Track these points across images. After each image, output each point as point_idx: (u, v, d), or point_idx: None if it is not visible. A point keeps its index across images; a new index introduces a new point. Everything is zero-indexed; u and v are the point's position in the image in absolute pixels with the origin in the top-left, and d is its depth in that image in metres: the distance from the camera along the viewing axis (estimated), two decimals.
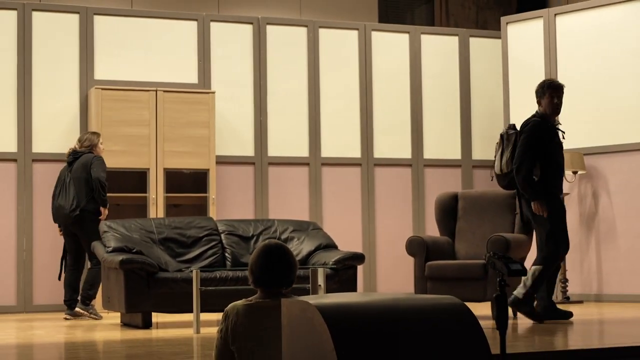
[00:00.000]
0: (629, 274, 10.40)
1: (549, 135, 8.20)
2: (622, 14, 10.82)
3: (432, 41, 12.21)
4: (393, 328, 3.69)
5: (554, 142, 8.22)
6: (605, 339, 6.91)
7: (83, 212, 9.33)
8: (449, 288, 8.30)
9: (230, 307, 4.70)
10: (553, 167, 8.18)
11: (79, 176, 9.41)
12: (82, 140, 9.64)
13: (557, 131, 8.22)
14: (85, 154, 9.50)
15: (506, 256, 4.49)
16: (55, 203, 9.55)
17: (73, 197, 9.41)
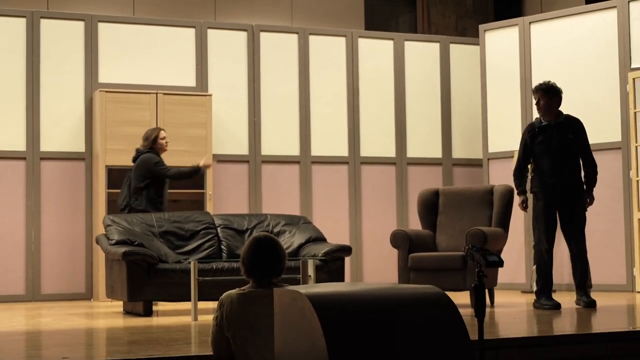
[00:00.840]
0: (599, 266, 10.40)
1: (532, 136, 8.29)
2: (591, 22, 10.82)
3: (414, 47, 12.20)
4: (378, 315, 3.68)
5: (538, 143, 8.27)
6: (576, 326, 6.91)
7: (131, 210, 9.30)
8: (431, 278, 8.29)
9: (224, 296, 4.69)
10: (536, 167, 8.27)
11: (131, 176, 9.43)
12: (143, 137, 9.61)
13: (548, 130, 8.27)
14: (142, 155, 9.44)
15: (484, 248, 4.49)
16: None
17: (125, 195, 9.44)
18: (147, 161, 9.33)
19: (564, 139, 8.22)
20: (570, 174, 8.24)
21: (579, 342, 5.73)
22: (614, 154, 10.46)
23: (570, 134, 8.25)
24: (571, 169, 8.24)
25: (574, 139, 8.24)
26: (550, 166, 8.23)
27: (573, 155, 8.25)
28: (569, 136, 8.23)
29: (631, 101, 10.24)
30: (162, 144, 9.54)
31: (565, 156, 8.23)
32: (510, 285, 10.94)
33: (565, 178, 8.23)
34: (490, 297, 8.63)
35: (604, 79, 10.64)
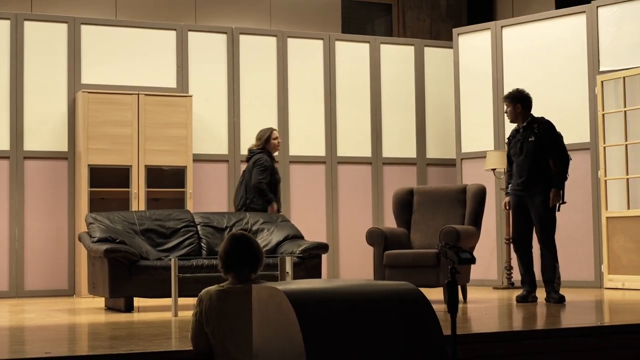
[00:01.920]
0: (568, 262, 10.45)
1: (509, 139, 8.66)
2: (562, 27, 10.87)
3: (390, 50, 12.21)
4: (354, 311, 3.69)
5: (510, 147, 8.58)
6: (546, 321, 6.94)
7: (247, 209, 9.34)
8: (405, 275, 8.30)
9: (204, 292, 4.70)
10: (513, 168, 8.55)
11: (246, 177, 9.46)
12: (256, 137, 9.60)
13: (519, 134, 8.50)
14: (255, 154, 9.44)
15: (457, 246, 4.50)
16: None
17: (241, 195, 9.47)
18: (258, 160, 9.34)
19: (526, 142, 8.40)
20: (535, 176, 8.35)
21: (549, 337, 5.75)
22: (583, 155, 10.52)
23: (532, 136, 8.38)
24: (536, 170, 8.35)
25: (534, 141, 8.36)
26: (516, 169, 8.47)
27: (537, 157, 8.36)
28: (530, 139, 8.38)
29: (599, 103, 10.29)
30: (275, 144, 9.55)
31: (527, 159, 8.37)
32: (482, 282, 10.97)
33: (528, 180, 8.36)
34: (463, 293, 8.66)
35: (573, 82, 10.69)
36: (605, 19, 10.48)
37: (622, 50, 10.32)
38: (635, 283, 9.78)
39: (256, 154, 9.46)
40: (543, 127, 8.41)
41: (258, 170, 9.33)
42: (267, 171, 9.34)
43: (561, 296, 8.18)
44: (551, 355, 5.66)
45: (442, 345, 3.73)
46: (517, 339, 5.65)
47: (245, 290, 4.49)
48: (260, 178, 9.30)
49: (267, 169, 9.35)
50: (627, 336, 5.89)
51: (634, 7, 10.32)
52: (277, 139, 9.56)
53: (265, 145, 9.48)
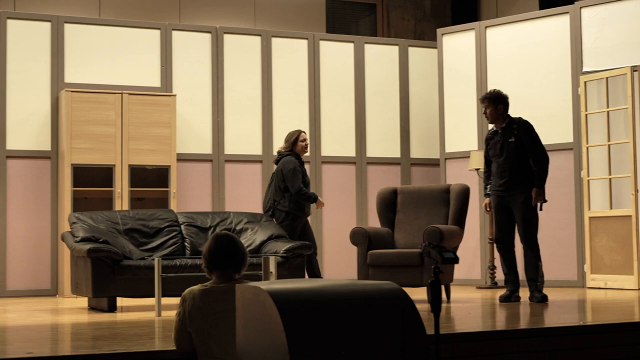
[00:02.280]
0: (550, 262, 10.48)
1: (486, 142, 8.68)
2: (545, 27, 10.90)
3: (374, 50, 12.22)
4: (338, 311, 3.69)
5: (489, 148, 8.60)
6: (529, 321, 6.96)
7: (275, 211, 9.28)
8: (389, 274, 8.32)
9: (187, 291, 4.69)
10: (492, 169, 8.55)
11: (275, 180, 9.38)
12: (285, 139, 9.55)
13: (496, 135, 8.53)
14: (284, 157, 9.35)
15: (440, 245, 4.50)
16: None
17: (269, 198, 9.41)
18: (286, 164, 9.28)
19: (506, 142, 8.43)
20: (516, 176, 8.40)
21: (532, 337, 5.77)
22: (566, 155, 10.55)
23: (512, 137, 8.42)
24: (517, 171, 8.40)
25: (515, 142, 8.41)
26: (496, 170, 8.50)
27: (518, 157, 8.41)
28: (510, 140, 8.41)
29: (582, 103, 10.33)
30: (302, 146, 9.45)
31: (507, 160, 8.42)
32: (466, 281, 11.00)
33: (510, 180, 8.41)
34: (447, 292, 8.68)
35: (556, 82, 10.72)
36: (589, 20, 10.51)
37: (605, 51, 10.36)
38: (617, 282, 9.82)
39: (284, 156, 9.40)
40: (523, 128, 8.45)
41: (290, 177, 9.25)
42: (298, 174, 9.28)
43: (544, 295, 8.23)
44: (534, 354, 5.68)
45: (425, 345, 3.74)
46: (500, 339, 5.66)
47: (228, 289, 4.49)
48: (297, 184, 9.24)
49: (297, 172, 9.27)
50: (610, 335, 5.92)
51: (617, 8, 10.35)
52: (305, 141, 9.49)
53: (293, 147, 9.42)
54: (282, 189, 9.25)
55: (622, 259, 9.81)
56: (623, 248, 9.81)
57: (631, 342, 5.95)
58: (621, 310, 7.57)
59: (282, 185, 9.24)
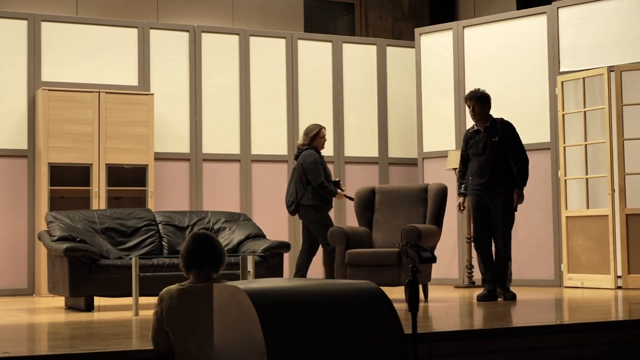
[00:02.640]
0: (528, 261, 10.53)
1: (466, 141, 8.70)
2: (522, 27, 10.94)
3: (352, 49, 12.23)
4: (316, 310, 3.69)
5: (469, 147, 8.61)
6: (507, 320, 6.98)
7: (298, 206, 9.30)
8: (367, 274, 8.32)
9: (164, 291, 4.69)
10: (471, 168, 8.57)
11: (296, 174, 9.39)
12: (304, 132, 9.56)
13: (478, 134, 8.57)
14: (304, 151, 9.38)
15: (418, 245, 4.51)
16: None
17: (291, 192, 9.39)
18: (306, 158, 9.30)
19: (489, 142, 8.49)
20: (497, 176, 8.45)
21: (509, 336, 5.79)
22: (544, 154, 10.60)
23: (496, 137, 8.49)
24: (498, 170, 8.45)
25: (499, 142, 8.48)
26: (477, 169, 8.53)
27: (500, 157, 8.46)
28: (493, 139, 8.47)
29: (559, 103, 10.37)
30: (322, 142, 9.51)
31: (490, 159, 8.47)
32: (444, 281, 11.02)
33: (491, 180, 8.46)
34: (425, 292, 8.69)
35: (534, 82, 10.77)
36: (566, 20, 10.56)
37: (582, 51, 10.41)
38: (594, 282, 9.87)
39: (304, 150, 9.43)
40: (506, 128, 8.53)
41: (312, 170, 9.27)
42: (319, 167, 9.32)
43: (514, 294, 8.42)
44: (512, 353, 5.70)
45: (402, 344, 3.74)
46: (478, 338, 5.68)
47: (206, 289, 4.48)
48: (320, 178, 9.26)
49: (318, 165, 9.31)
50: (586, 334, 5.94)
51: (594, 8, 10.41)
52: (324, 137, 9.56)
53: (313, 141, 9.45)
54: (304, 183, 9.29)
55: (598, 259, 9.86)
56: (599, 247, 9.86)
57: (607, 341, 5.99)
58: (597, 309, 7.61)
59: (304, 179, 9.29)
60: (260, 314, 3.53)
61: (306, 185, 9.27)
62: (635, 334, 6.09)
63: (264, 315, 3.53)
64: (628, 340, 6.04)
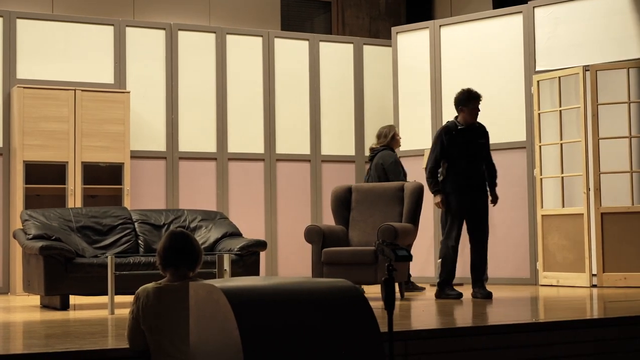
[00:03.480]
0: (503, 260, 10.57)
1: (450, 138, 8.59)
2: (499, 26, 10.98)
3: (329, 48, 12.24)
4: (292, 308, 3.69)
5: (457, 144, 8.56)
6: (483, 318, 7.01)
7: None
8: (343, 272, 8.33)
9: (141, 289, 4.67)
10: (454, 167, 8.48)
11: (374, 174, 9.55)
12: (378, 135, 9.73)
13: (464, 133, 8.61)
14: (381, 152, 9.53)
15: (394, 243, 4.52)
16: None
17: None
18: (386, 158, 9.44)
19: (477, 143, 8.63)
20: (480, 177, 8.67)
21: (486, 334, 5.81)
22: (519, 153, 10.64)
23: (482, 138, 8.69)
24: (481, 171, 8.66)
25: (484, 143, 8.70)
26: (465, 168, 8.58)
27: (482, 158, 8.65)
28: (481, 141, 8.66)
29: (535, 102, 10.42)
30: (398, 141, 9.70)
31: (477, 159, 8.63)
32: (420, 279, 11.04)
33: (476, 180, 8.62)
34: (401, 290, 8.71)
35: (510, 81, 10.81)
36: (542, 20, 10.61)
37: (558, 51, 10.46)
38: (569, 280, 9.92)
39: (380, 151, 9.58)
40: (486, 131, 8.79)
41: (393, 170, 9.44)
42: (399, 167, 9.57)
43: (490, 292, 8.52)
44: (488, 351, 5.72)
45: (378, 342, 3.75)
46: (454, 336, 5.69)
47: (182, 287, 4.47)
48: (400, 177, 9.45)
49: (398, 165, 9.57)
50: (562, 332, 5.98)
51: (569, 8, 10.46)
52: (399, 137, 9.79)
53: (390, 142, 9.64)
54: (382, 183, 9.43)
55: (573, 257, 9.92)
56: (575, 246, 9.91)
57: (583, 339, 6.02)
58: (573, 307, 7.65)
59: (384, 178, 9.45)
60: (237, 312, 3.53)
61: None
62: (610, 332, 6.13)
63: (240, 314, 3.53)
64: (603, 338, 6.08)
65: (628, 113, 9.80)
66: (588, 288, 9.63)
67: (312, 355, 3.61)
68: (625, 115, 9.81)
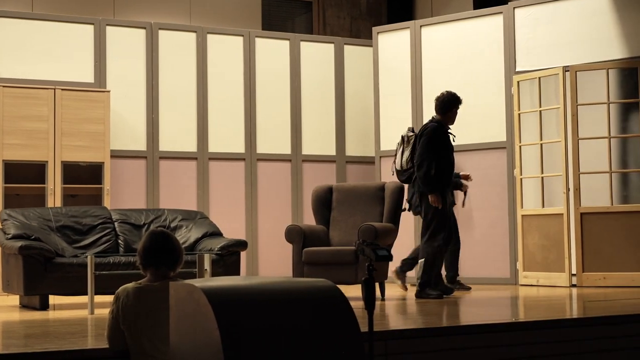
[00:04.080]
0: (483, 259, 10.60)
1: (444, 138, 8.67)
2: (479, 27, 11.01)
3: (310, 48, 12.24)
4: (272, 308, 3.69)
5: (444, 146, 8.67)
6: (463, 317, 7.03)
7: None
8: (324, 272, 8.33)
9: (121, 289, 4.66)
10: (445, 166, 8.50)
11: None
12: None
13: (449, 135, 8.74)
14: None
15: (374, 243, 4.53)
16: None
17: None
18: None
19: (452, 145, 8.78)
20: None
21: (466, 333, 5.83)
22: (499, 153, 10.67)
23: (454, 139, 8.83)
24: None
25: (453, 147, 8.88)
26: (450, 168, 8.65)
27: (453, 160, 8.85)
28: (454, 143, 8.84)
29: (515, 103, 10.46)
30: None
31: (453, 161, 8.77)
32: None
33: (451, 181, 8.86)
34: (381, 290, 8.72)
35: (490, 82, 10.84)
36: (522, 20, 10.64)
37: (538, 51, 10.50)
38: (549, 280, 9.96)
39: None
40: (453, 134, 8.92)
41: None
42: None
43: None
44: (468, 350, 5.74)
45: (359, 342, 3.75)
46: (434, 336, 5.70)
47: (162, 287, 4.47)
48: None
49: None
50: (541, 332, 6.00)
51: (549, 9, 10.50)
52: None
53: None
54: None
55: (553, 257, 9.95)
56: (555, 246, 9.94)
57: (562, 338, 6.04)
58: (552, 307, 7.68)
59: None
60: (217, 312, 3.52)
61: None
62: (589, 331, 6.16)
63: (220, 314, 3.52)
64: (583, 338, 6.10)
65: (607, 113, 9.84)
66: (567, 288, 9.67)
67: (292, 354, 3.61)
68: (605, 116, 9.85)
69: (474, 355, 5.75)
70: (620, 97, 10.09)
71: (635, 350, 6.23)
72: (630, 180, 10.05)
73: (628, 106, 10.07)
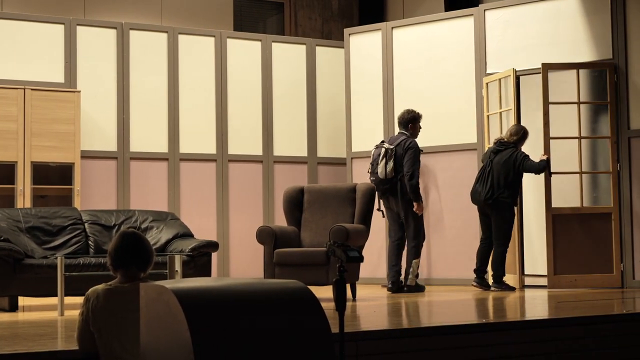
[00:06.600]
0: (454, 261, 10.63)
1: None
2: (450, 29, 11.05)
3: (282, 49, 12.24)
4: (243, 309, 3.69)
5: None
6: (433, 319, 7.05)
7: (497, 202, 9.60)
8: (295, 273, 8.34)
9: (91, 291, 4.64)
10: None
11: (500, 169, 9.62)
12: (511, 132, 9.81)
13: None
14: (509, 148, 9.68)
15: (345, 244, 4.54)
16: (476, 186, 9.83)
17: (490, 185, 9.63)
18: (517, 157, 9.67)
19: None
20: None
21: (436, 334, 5.84)
22: (470, 155, 10.72)
23: None
24: None
25: None
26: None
27: None
28: None
29: (485, 105, 10.50)
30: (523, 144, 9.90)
31: None
32: (371, 280, 11.08)
33: None
34: (352, 291, 8.73)
35: (461, 83, 10.88)
36: (493, 23, 10.70)
37: (508, 53, 10.55)
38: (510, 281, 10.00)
39: (510, 147, 9.74)
40: None
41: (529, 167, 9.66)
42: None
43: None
44: (438, 351, 5.76)
45: (329, 343, 3.76)
46: (405, 337, 5.72)
47: (133, 288, 4.45)
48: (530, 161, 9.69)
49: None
50: (510, 332, 6.03)
51: (519, 11, 10.56)
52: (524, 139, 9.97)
53: (519, 142, 9.79)
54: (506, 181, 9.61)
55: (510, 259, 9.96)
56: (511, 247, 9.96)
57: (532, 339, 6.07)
58: (523, 308, 7.71)
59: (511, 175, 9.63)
60: (187, 313, 3.52)
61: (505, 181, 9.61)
62: (560, 332, 6.20)
63: (191, 315, 3.52)
64: (553, 338, 6.14)
65: (578, 114, 9.91)
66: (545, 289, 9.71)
67: (263, 356, 3.61)
68: (575, 116, 9.92)
69: (444, 356, 5.77)
70: (590, 100, 10.16)
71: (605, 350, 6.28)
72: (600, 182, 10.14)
73: (597, 109, 10.15)
